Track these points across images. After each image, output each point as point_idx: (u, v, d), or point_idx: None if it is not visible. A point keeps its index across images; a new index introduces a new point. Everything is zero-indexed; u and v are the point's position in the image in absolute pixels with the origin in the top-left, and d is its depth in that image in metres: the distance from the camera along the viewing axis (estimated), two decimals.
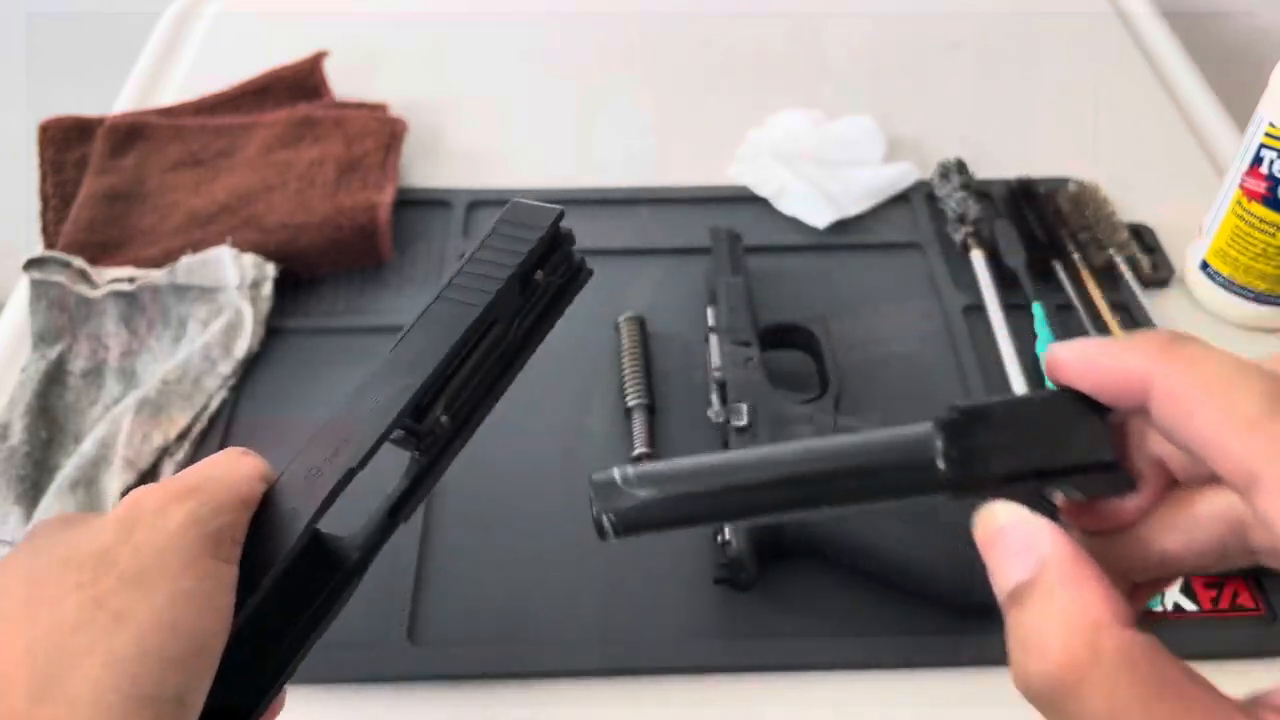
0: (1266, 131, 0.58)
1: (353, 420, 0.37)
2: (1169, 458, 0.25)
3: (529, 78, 0.86)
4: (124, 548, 0.30)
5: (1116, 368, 0.24)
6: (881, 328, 0.63)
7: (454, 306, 0.40)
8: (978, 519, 0.25)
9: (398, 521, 0.39)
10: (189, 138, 0.74)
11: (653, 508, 0.27)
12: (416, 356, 0.39)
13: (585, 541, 0.52)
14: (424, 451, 0.40)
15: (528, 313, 0.43)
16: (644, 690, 0.48)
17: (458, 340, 0.39)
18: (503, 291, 0.41)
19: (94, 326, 0.62)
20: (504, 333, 0.42)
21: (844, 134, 0.77)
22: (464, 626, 0.49)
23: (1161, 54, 0.88)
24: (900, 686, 0.48)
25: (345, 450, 0.36)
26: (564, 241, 0.44)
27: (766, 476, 0.27)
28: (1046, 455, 0.25)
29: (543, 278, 0.43)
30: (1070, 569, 0.23)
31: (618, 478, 0.27)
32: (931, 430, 0.26)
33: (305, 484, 0.36)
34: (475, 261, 0.42)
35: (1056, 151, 0.76)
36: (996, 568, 0.24)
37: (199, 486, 0.33)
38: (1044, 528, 0.23)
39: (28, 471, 0.55)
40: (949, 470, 0.25)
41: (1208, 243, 0.64)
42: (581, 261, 0.45)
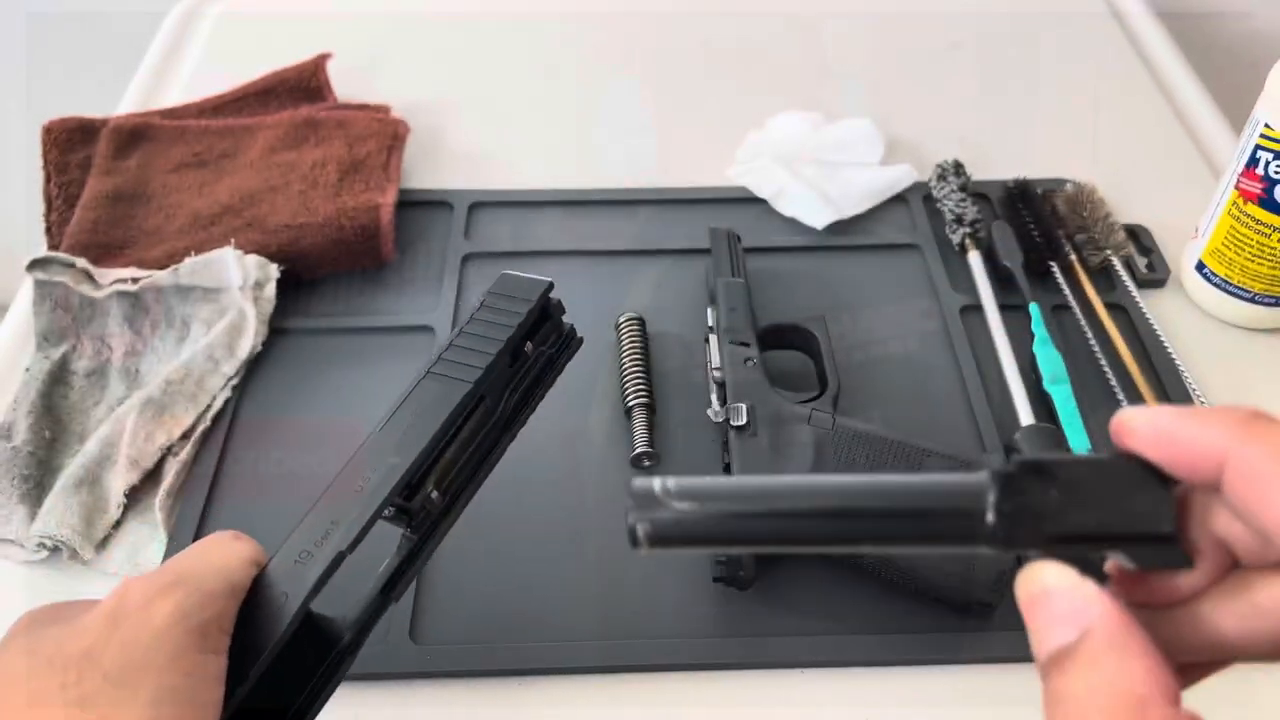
0: (1262, 133, 0.58)
1: (342, 501, 0.37)
2: (1235, 539, 0.24)
3: (530, 79, 0.86)
4: (110, 645, 0.30)
5: (1193, 441, 0.23)
6: (880, 328, 0.64)
7: (444, 383, 0.40)
8: (1021, 577, 0.24)
9: (390, 600, 0.39)
10: (192, 139, 0.74)
11: (689, 523, 0.26)
12: (406, 434, 0.39)
13: (585, 540, 0.53)
14: (415, 529, 0.40)
15: (518, 384, 0.43)
16: (644, 687, 0.48)
17: (447, 418, 0.39)
18: (492, 366, 0.41)
19: (98, 327, 0.62)
20: (495, 405, 0.42)
21: (843, 136, 0.77)
22: (465, 625, 0.50)
23: (1158, 56, 0.88)
24: (899, 684, 0.48)
25: (335, 533, 0.36)
26: (554, 312, 0.44)
27: (811, 506, 0.26)
28: (1102, 520, 0.24)
29: (533, 349, 0.43)
30: (1119, 638, 0.22)
31: (657, 488, 0.27)
32: (987, 481, 0.25)
33: (296, 568, 0.36)
34: (465, 335, 0.42)
35: (1053, 153, 0.77)
36: (1039, 630, 0.23)
37: (187, 577, 0.33)
38: (1094, 593, 0.23)
39: (32, 471, 0.55)
40: (998, 524, 0.25)
41: (1203, 243, 0.65)
42: (571, 330, 0.45)
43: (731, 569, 0.49)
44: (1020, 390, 0.58)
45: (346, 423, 0.58)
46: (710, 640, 0.49)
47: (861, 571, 0.50)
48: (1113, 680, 0.21)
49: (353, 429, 0.58)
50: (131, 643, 0.30)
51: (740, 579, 0.49)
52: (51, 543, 0.52)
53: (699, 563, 0.52)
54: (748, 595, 0.50)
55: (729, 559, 0.48)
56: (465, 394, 0.40)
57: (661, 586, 0.51)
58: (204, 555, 0.35)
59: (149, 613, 0.31)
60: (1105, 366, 0.60)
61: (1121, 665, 0.21)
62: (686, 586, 0.51)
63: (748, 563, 0.48)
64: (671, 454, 0.57)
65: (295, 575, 0.35)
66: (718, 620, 0.50)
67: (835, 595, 0.50)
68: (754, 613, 0.50)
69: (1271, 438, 0.22)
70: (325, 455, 0.57)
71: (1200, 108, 0.82)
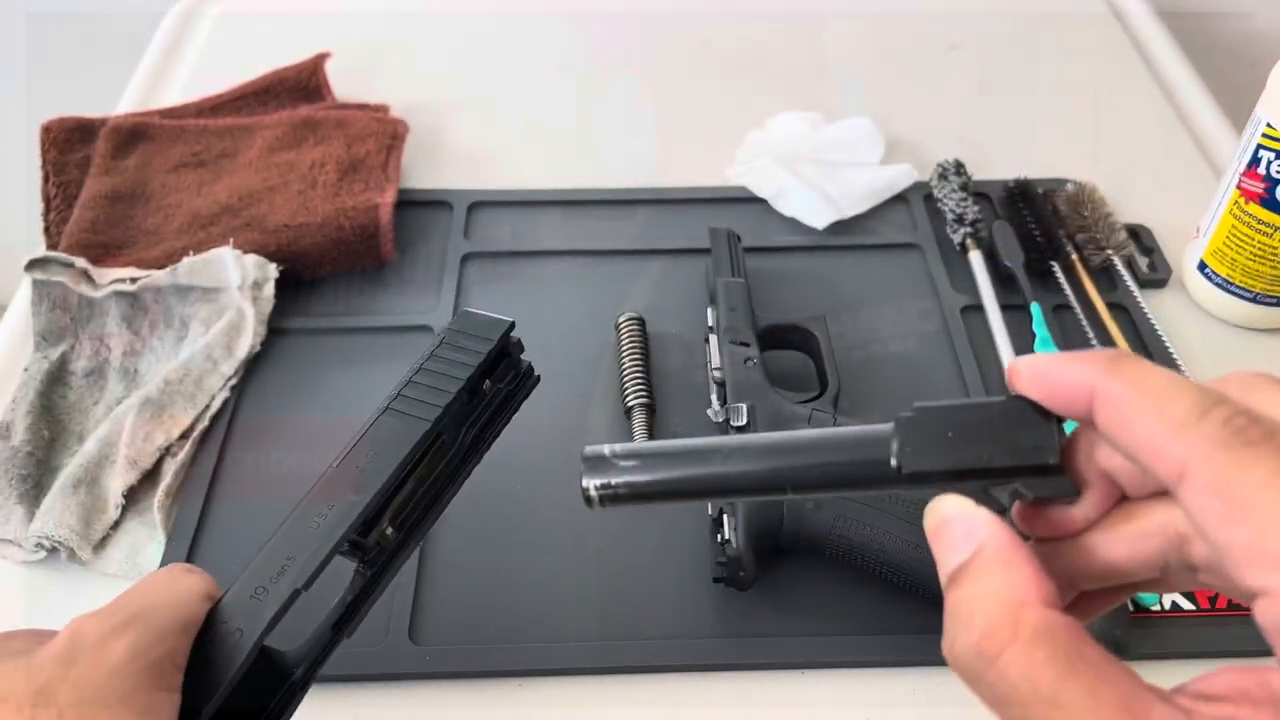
0: (1264, 132, 0.58)
1: (299, 537, 0.37)
2: (1118, 472, 0.26)
3: (530, 79, 0.86)
4: (64, 684, 0.31)
5: (1066, 378, 0.26)
6: (880, 328, 0.64)
7: (402, 420, 0.40)
8: (926, 511, 0.27)
9: (342, 636, 0.39)
10: (191, 139, 0.74)
11: (636, 482, 0.30)
12: (363, 471, 0.39)
13: (585, 541, 0.53)
14: (369, 564, 0.40)
15: (476, 420, 0.43)
16: (643, 688, 0.48)
17: (405, 456, 0.39)
18: (451, 404, 0.41)
19: (96, 326, 0.62)
20: (452, 440, 0.42)
21: (843, 135, 0.77)
22: (465, 626, 0.50)
23: (1159, 55, 0.88)
24: (899, 684, 0.48)
25: (291, 569, 0.36)
26: (513, 350, 0.44)
27: (742, 464, 0.29)
28: (994, 454, 0.27)
29: (490, 385, 0.43)
30: (1005, 552, 0.24)
31: (607, 452, 0.30)
32: (892, 428, 0.28)
33: (251, 604, 0.35)
34: (424, 372, 0.42)
35: (1054, 152, 0.77)
36: (940, 553, 0.26)
37: (139, 615, 0.33)
38: (985, 516, 0.25)
39: (30, 471, 0.55)
40: (902, 463, 0.27)
41: (1205, 243, 0.65)
42: (529, 368, 0.45)
43: (732, 569, 0.49)
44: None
45: (346, 423, 0.58)
46: (710, 641, 0.49)
47: (862, 572, 0.50)
48: (997, 586, 0.24)
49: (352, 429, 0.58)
50: (85, 681, 0.31)
51: (740, 579, 0.49)
52: (50, 543, 0.52)
53: (699, 563, 0.51)
54: (747, 596, 0.50)
55: (729, 559, 0.48)
56: (424, 432, 0.40)
57: (661, 587, 0.51)
58: (157, 591, 0.35)
59: (103, 651, 0.32)
60: None
61: (1006, 574, 0.24)
62: (686, 587, 0.51)
63: (748, 563, 0.48)
64: None
65: (250, 611, 0.35)
66: (717, 621, 0.50)
67: (835, 596, 0.50)
68: (754, 613, 0.50)
69: (1132, 370, 0.24)
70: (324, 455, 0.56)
71: (1201, 107, 0.82)
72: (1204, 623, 0.49)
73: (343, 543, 0.37)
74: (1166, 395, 0.23)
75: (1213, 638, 0.49)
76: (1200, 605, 0.50)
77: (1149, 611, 0.49)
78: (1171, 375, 0.24)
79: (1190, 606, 0.50)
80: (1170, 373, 0.24)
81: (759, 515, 0.49)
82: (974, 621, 0.23)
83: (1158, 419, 0.23)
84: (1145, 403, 0.23)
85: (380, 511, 0.39)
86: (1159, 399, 0.23)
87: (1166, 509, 0.26)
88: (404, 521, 0.41)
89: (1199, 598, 0.50)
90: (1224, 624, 0.49)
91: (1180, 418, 0.23)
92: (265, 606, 0.35)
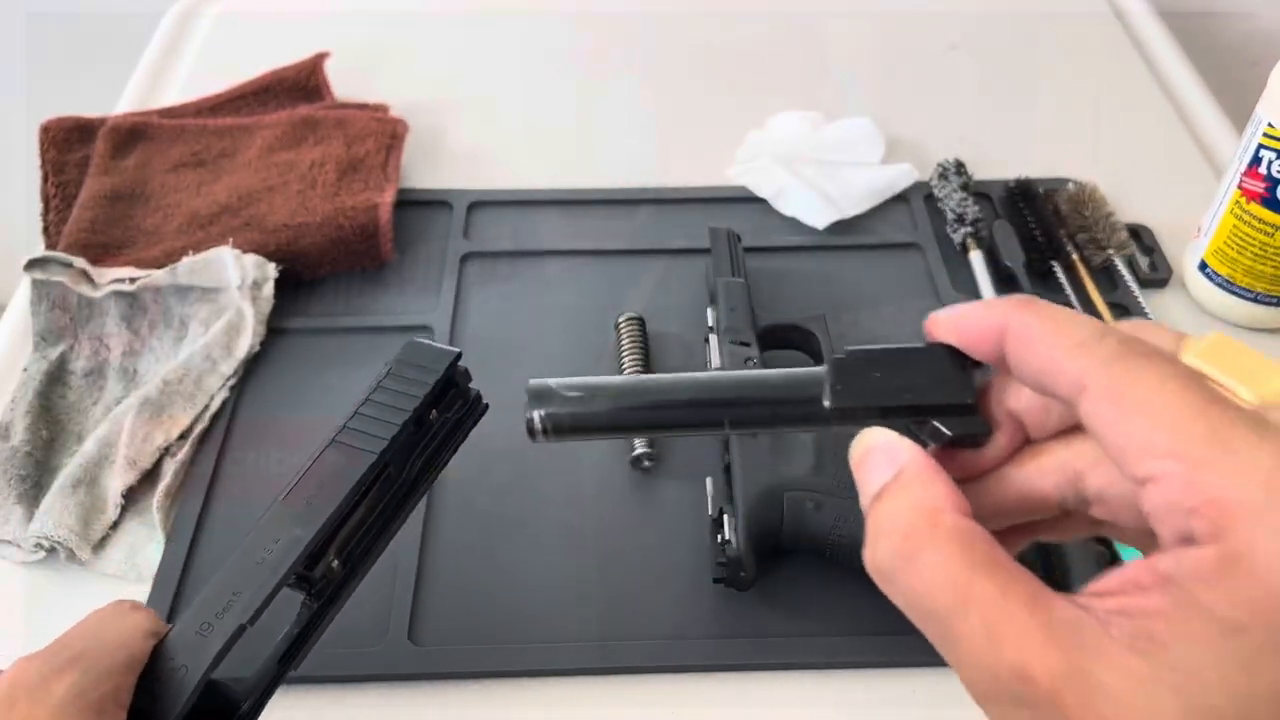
0: (1265, 132, 0.58)
1: (245, 572, 0.37)
2: (1024, 413, 0.29)
3: (529, 78, 0.86)
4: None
5: (979, 320, 0.28)
6: (880, 328, 0.64)
7: (348, 452, 0.40)
8: (853, 444, 0.29)
9: (288, 670, 0.39)
10: (191, 138, 0.74)
11: (580, 414, 0.31)
12: (309, 504, 0.39)
13: (585, 541, 0.53)
14: (315, 596, 0.40)
15: (423, 450, 0.43)
16: (643, 689, 0.48)
17: (351, 489, 0.39)
18: (397, 436, 0.41)
19: (95, 326, 0.62)
20: (399, 472, 0.42)
21: (843, 135, 0.77)
22: (464, 626, 0.50)
23: (1160, 55, 0.88)
24: (899, 685, 0.48)
25: (236, 605, 0.36)
26: (460, 380, 0.44)
27: (682, 398, 0.31)
28: (917, 394, 0.29)
29: (437, 416, 0.43)
30: (924, 472, 0.26)
31: (553, 385, 0.31)
32: (825, 370, 0.30)
33: (196, 640, 0.35)
34: (371, 404, 0.42)
35: (1055, 152, 0.77)
36: (864, 478, 0.28)
37: (82, 655, 0.33)
38: (907, 444, 0.27)
39: (29, 471, 0.55)
40: (833, 402, 0.29)
41: (1206, 243, 0.64)
42: (477, 396, 0.45)
43: (732, 570, 0.49)
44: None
45: None
46: (709, 642, 0.49)
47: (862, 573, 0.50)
48: (917, 497, 0.26)
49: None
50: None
51: (740, 580, 0.49)
52: (49, 543, 0.52)
53: (699, 564, 0.51)
54: (747, 596, 0.50)
55: (729, 560, 0.48)
56: (370, 464, 0.40)
57: (661, 588, 0.51)
58: (100, 629, 0.35)
59: (45, 692, 0.31)
60: None
61: (923, 489, 0.26)
62: (686, 587, 0.51)
63: (748, 564, 0.48)
64: (672, 455, 0.56)
65: (195, 647, 0.35)
66: (717, 621, 0.50)
67: (835, 596, 0.50)
68: (754, 613, 0.50)
69: (1039, 308, 0.27)
70: None
71: (1202, 107, 0.82)
72: None
73: (289, 576, 0.37)
74: (1068, 321, 0.26)
75: None
76: None
77: None
78: (1073, 310, 0.27)
79: None
80: (1073, 310, 0.27)
81: (759, 515, 0.49)
82: (895, 527, 0.26)
83: (1059, 341, 0.25)
84: (1049, 328, 0.26)
85: (326, 544, 0.39)
86: (1061, 325, 0.26)
87: (1065, 447, 0.28)
88: (350, 553, 0.41)
89: None
90: None
91: (1080, 339, 0.25)
92: (210, 642, 0.35)
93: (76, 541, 0.52)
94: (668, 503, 0.54)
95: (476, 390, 0.45)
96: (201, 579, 0.51)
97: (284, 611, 0.39)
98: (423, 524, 0.53)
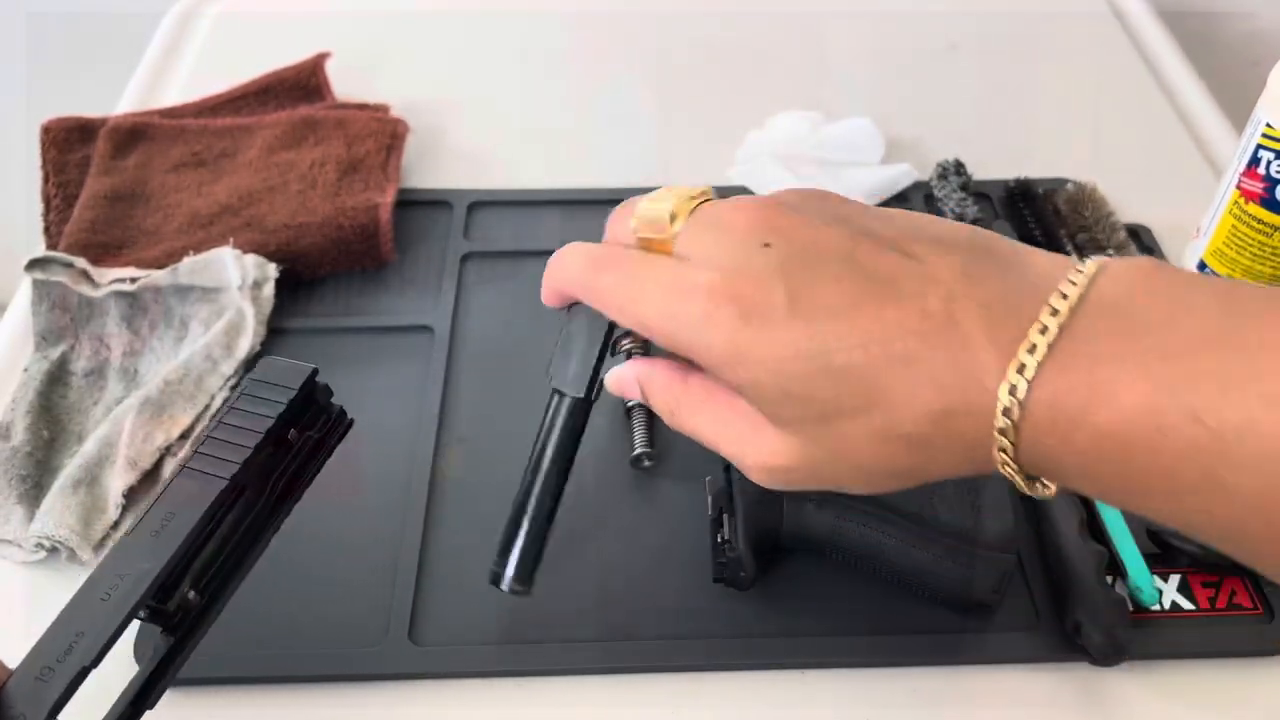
0: (1264, 132, 0.58)
1: (88, 610, 0.35)
2: None
3: (530, 78, 0.86)
4: None
5: (558, 282, 0.44)
6: None
7: (199, 479, 0.38)
8: (608, 387, 0.44)
9: (142, 711, 0.37)
10: (191, 139, 0.74)
11: (521, 567, 0.45)
12: (157, 537, 0.36)
13: (585, 540, 0.53)
14: (171, 630, 0.38)
15: (284, 471, 0.41)
16: (643, 688, 0.48)
17: (202, 516, 0.37)
18: (250, 460, 0.39)
19: (96, 327, 0.62)
20: (257, 496, 0.40)
21: (843, 135, 0.77)
22: (465, 625, 0.50)
23: (1159, 54, 0.88)
24: (899, 684, 0.48)
25: (80, 646, 0.34)
26: (320, 396, 0.42)
27: (539, 499, 0.45)
28: (591, 340, 0.44)
29: (297, 435, 0.41)
30: (641, 365, 0.43)
31: (499, 572, 0.45)
32: (552, 398, 0.45)
33: (36, 685, 0.33)
34: (222, 426, 0.40)
35: (1054, 152, 0.77)
36: (632, 391, 0.44)
37: None
38: (629, 364, 0.44)
39: (30, 471, 0.55)
40: (565, 390, 0.44)
41: (1205, 243, 0.65)
42: (341, 412, 0.44)
43: (732, 569, 0.49)
44: None
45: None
46: (709, 641, 0.49)
47: (861, 573, 0.50)
48: (654, 377, 0.42)
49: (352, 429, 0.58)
50: None
51: (741, 579, 0.49)
52: (50, 543, 0.52)
53: (699, 563, 0.51)
54: (747, 596, 0.50)
55: (730, 560, 0.48)
56: (222, 490, 0.38)
57: (661, 587, 0.51)
58: None
59: None
60: None
61: (647, 367, 0.43)
62: (686, 587, 0.51)
63: (748, 563, 0.48)
64: (670, 453, 0.56)
65: (34, 695, 0.33)
66: (717, 621, 0.50)
67: (835, 596, 0.50)
68: (753, 613, 0.50)
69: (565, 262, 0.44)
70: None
71: (1201, 107, 0.82)
72: (1203, 623, 0.49)
73: (136, 611, 0.35)
74: (559, 267, 0.45)
75: (1212, 638, 0.49)
76: (1200, 605, 0.50)
77: (1148, 612, 0.49)
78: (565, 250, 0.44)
79: (1190, 606, 0.50)
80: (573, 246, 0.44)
81: (759, 515, 0.49)
82: (659, 395, 0.42)
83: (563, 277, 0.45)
84: (560, 276, 0.44)
85: (180, 575, 0.37)
86: (558, 267, 0.45)
87: None
88: (209, 582, 0.39)
89: (1199, 598, 0.50)
90: (1223, 624, 0.49)
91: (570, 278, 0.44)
92: (51, 688, 0.33)
93: (77, 541, 0.52)
94: (668, 502, 0.55)
95: (340, 406, 0.43)
96: None
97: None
98: (423, 524, 0.53)
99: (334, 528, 0.53)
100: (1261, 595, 0.50)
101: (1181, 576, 0.51)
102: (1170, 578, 0.51)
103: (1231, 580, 0.51)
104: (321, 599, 0.50)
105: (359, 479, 0.55)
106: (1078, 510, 0.51)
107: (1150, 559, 0.50)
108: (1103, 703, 0.48)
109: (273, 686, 0.48)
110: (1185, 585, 0.51)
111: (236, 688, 0.48)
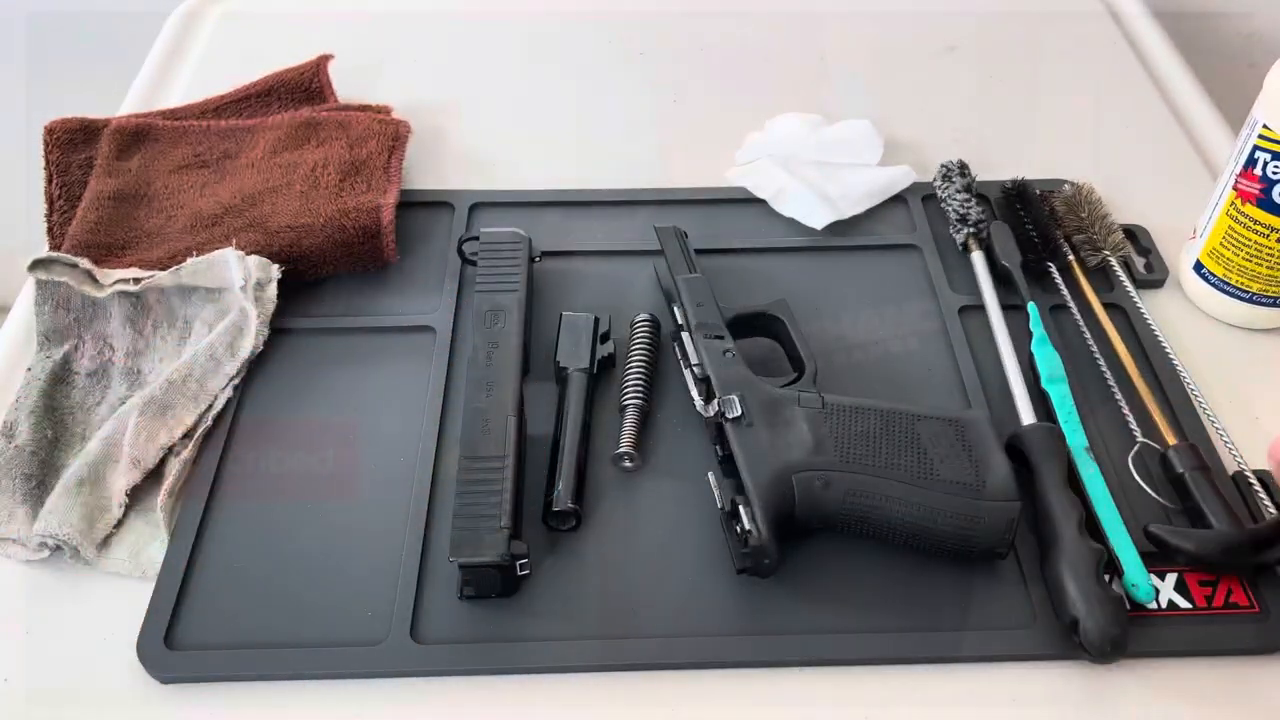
0: (1260, 134, 0.59)
1: None
2: None
3: (530, 80, 0.86)
4: None
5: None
6: (880, 328, 0.64)
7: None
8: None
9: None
10: (194, 140, 0.74)
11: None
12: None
13: (586, 539, 0.53)
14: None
15: None
16: (643, 687, 0.49)
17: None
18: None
19: (99, 327, 0.63)
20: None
21: (842, 136, 0.77)
22: (466, 624, 0.50)
23: (1156, 56, 0.88)
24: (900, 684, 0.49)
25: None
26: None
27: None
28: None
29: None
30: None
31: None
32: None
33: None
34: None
35: (1051, 153, 0.77)
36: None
37: None
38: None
39: (34, 470, 0.55)
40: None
41: (1201, 244, 0.65)
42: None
43: (757, 558, 0.49)
44: (1021, 389, 0.58)
45: (347, 423, 0.59)
46: (709, 640, 0.49)
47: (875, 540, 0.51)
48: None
49: (352, 429, 0.58)
50: None
51: (765, 567, 0.50)
52: (53, 542, 0.52)
53: (700, 561, 0.52)
54: (747, 595, 0.50)
55: (753, 549, 0.49)
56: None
57: (662, 586, 0.51)
58: None
59: None
60: (1104, 366, 0.60)
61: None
62: (686, 586, 0.51)
63: (772, 550, 0.49)
64: (658, 454, 0.57)
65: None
66: (716, 620, 0.50)
67: (835, 594, 0.51)
68: (754, 612, 0.50)
69: None
70: (326, 455, 0.57)
71: (1198, 108, 0.82)
72: (1199, 621, 0.50)
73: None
74: None
75: (1208, 636, 0.49)
76: (1197, 604, 0.50)
77: (1146, 611, 0.50)
78: None
79: (1186, 605, 0.50)
80: None
81: (773, 500, 0.50)
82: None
83: None
84: None
85: None
86: None
87: None
88: None
89: (1195, 597, 0.50)
90: (1219, 622, 0.50)
91: None
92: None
93: (81, 540, 0.52)
94: (668, 502, 0.55)
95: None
96: (204, 577, 0.51)
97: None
98: (424, 523, 0.53)
99: (336, 527, 0.53)
100: (1257, 594, 0.50)
101: (1178, 575, 0.51)
102: (1167, 576, 0.51)
103: (1228, 579, 0.51)
104: (324, 597, 0.51)
105: (360, 479, 0.56)
106: (1076, 509, 0.51)
107: (1147, 558, 0.51)
108: (1100, 700, 0.48)
109: (276, 684, 0.48)
110: (1182, 584, 0.51)
111: (239, 685, 0.48)
